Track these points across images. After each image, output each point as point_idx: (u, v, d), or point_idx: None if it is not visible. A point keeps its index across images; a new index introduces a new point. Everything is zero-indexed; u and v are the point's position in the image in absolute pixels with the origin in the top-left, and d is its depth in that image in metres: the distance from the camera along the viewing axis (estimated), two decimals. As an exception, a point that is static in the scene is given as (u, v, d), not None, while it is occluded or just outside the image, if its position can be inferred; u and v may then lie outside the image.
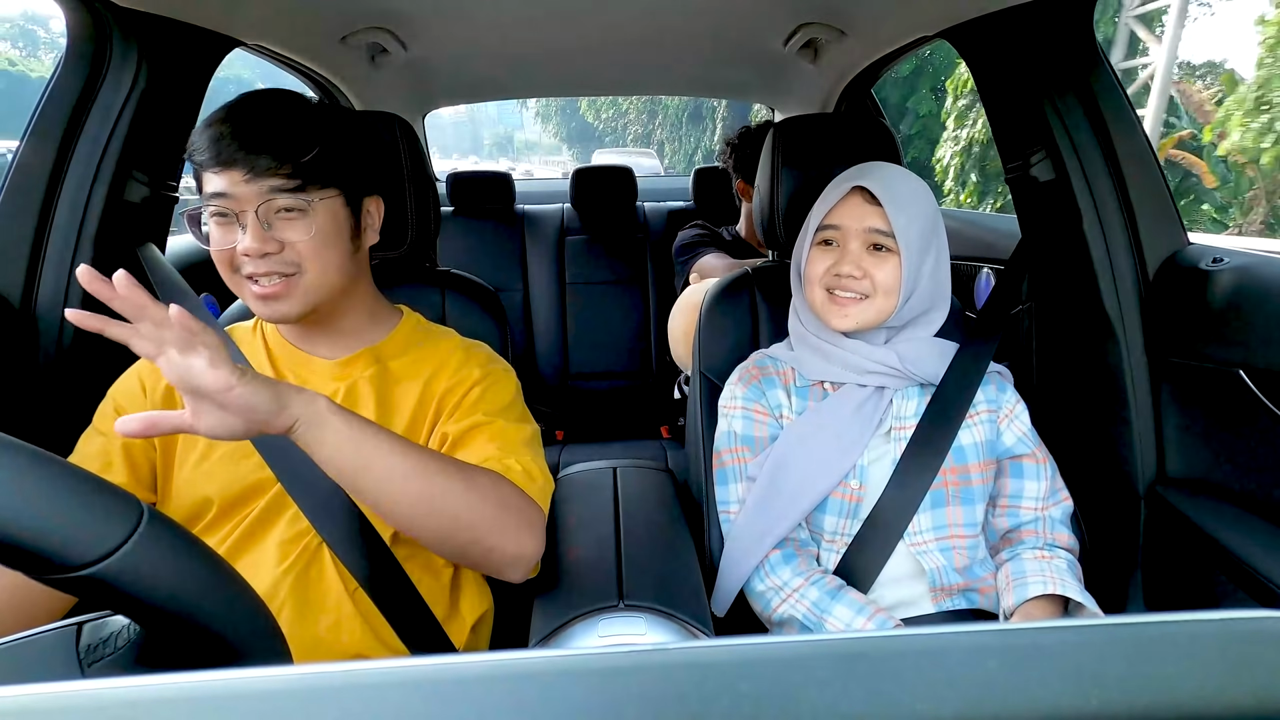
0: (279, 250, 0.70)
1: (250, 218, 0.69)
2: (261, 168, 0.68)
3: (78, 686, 0.23)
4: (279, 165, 0.68)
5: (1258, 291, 0.88)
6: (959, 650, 0.24)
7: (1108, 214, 1.03)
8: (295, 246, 0.71)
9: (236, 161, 0.68)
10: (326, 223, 0.72)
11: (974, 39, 1.16)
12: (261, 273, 0.71)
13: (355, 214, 0.77)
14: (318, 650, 0.72)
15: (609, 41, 1.57)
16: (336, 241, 0.74)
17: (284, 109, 0.72)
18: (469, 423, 0.77)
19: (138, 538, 0.36)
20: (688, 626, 0.72)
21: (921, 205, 0.87)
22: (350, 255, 0.77)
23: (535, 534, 0.70)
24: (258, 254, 0.69)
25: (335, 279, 0.75)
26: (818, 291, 0.89)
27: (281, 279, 0.71)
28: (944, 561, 0.87)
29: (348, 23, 1.31)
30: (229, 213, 0.69)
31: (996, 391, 0.93)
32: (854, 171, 0.90)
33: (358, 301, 0.82)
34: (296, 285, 0.72)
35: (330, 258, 0.74)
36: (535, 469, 0.74)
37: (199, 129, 0.71)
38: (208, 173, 0.70)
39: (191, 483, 0.76)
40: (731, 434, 0.93)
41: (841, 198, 0.87)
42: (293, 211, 0.70)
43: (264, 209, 0.69)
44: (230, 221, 0.70)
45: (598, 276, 2.15)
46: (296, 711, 0.22)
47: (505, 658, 0.24)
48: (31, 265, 0.96)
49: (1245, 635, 0.24)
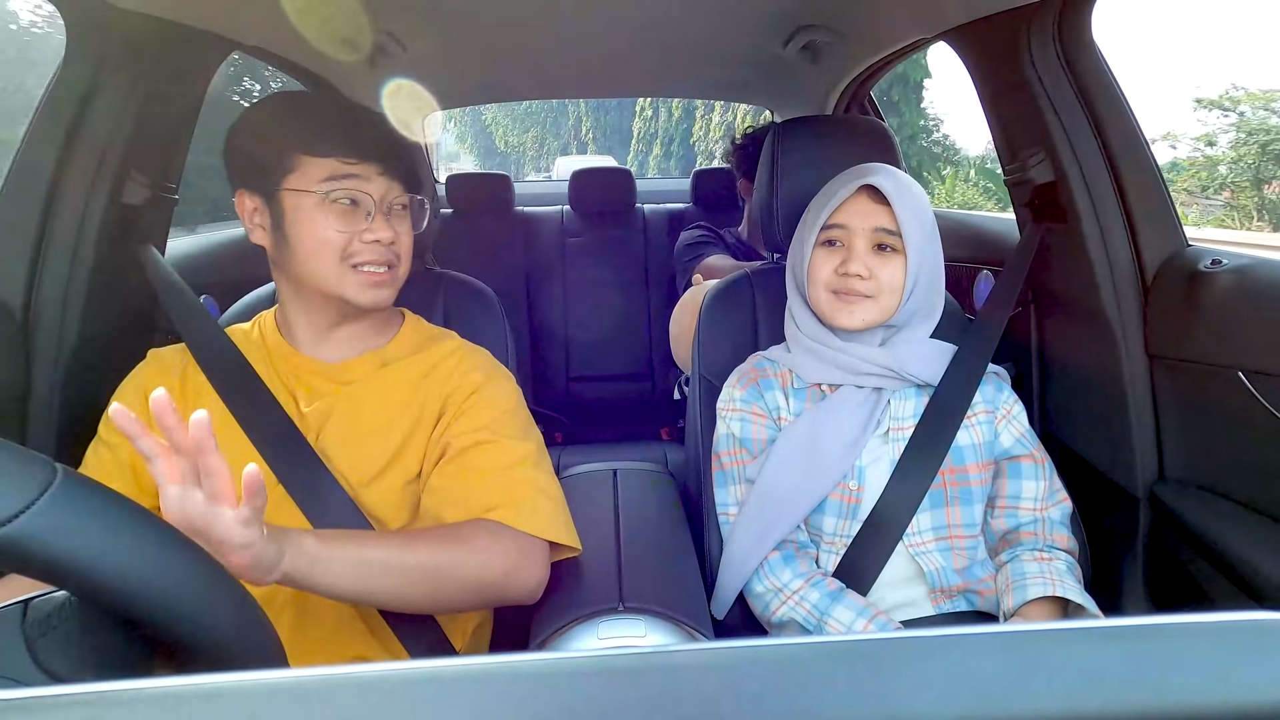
0: (391, 241, 0.76)
1: (379, 208, 0.75)
2: (393, 163, 0.76)
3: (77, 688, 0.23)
4: (402, 162, 0.77)
5: (1256, 293, 0.88)
6: (959, 652, 0.24)
7: (1107, 215, 1.03)
8: (402, 239, 0.78)
9: (374, 155, 0.74)
10: (413, 222, 0.81)
11: (972, 40, 1.16)
12: (380, 260, 0.76)
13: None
14: (318, 653, 0.72)
15: (608, 44, 1.57)
16: (413, 239, 0.82)
17: (373, 112, 0.81)
18: (473, 439, 0.77)
19: (48, 499, 0.35)
20: (688, 628, 0.72)
21: (923, 204, 0.88)
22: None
23: (541, 567, 0.74)
24: (388, 242, 0.76)
25: (407, 274, 0.81)
26: (823, 293, 0.89)
27: (388, 269, 0.77)
28: (943, 563, 0.87)
29: (347, 25, 1.31)
30: (360, 201, 0.74)
31: (994, 392, 0.93)
32: (856, 172, 0.90)
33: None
34: (395, 275, 0.78)
35: (412, 253, 0.81)
36: (541, 497, 0.75)
37: (304, 116, 0.76)
38: (330, 160, 0.73)
39: None
40: (730, 436, 0.93)
41: (848, 197, 0.87)
42: (402, 209, 0.79)
43: (387, 201, 0.76)
44: (354, 209, 0.74)
45: (597, 278, 2.15)
46: (297, 713, 0.22)
47: (505, 660, 0.24)
48: (32, 267, 0.96)
49: (1245, 635, 0.24)
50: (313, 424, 0.77)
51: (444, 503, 0.74)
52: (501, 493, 0.74)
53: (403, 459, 0.77)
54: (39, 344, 0.96)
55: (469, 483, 0.74)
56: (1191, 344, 0.96)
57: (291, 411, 0.78)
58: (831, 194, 0.89)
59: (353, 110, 0.80)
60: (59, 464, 0.37)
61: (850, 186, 0.87)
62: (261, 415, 0.77)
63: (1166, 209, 1.03)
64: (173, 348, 0.85)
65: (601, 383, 2.13)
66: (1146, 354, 1.02)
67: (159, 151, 1.07)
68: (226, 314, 1.00)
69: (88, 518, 0.36)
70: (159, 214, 1.10)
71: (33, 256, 0.96)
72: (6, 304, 0.94)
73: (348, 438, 0.77)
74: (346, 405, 0.78)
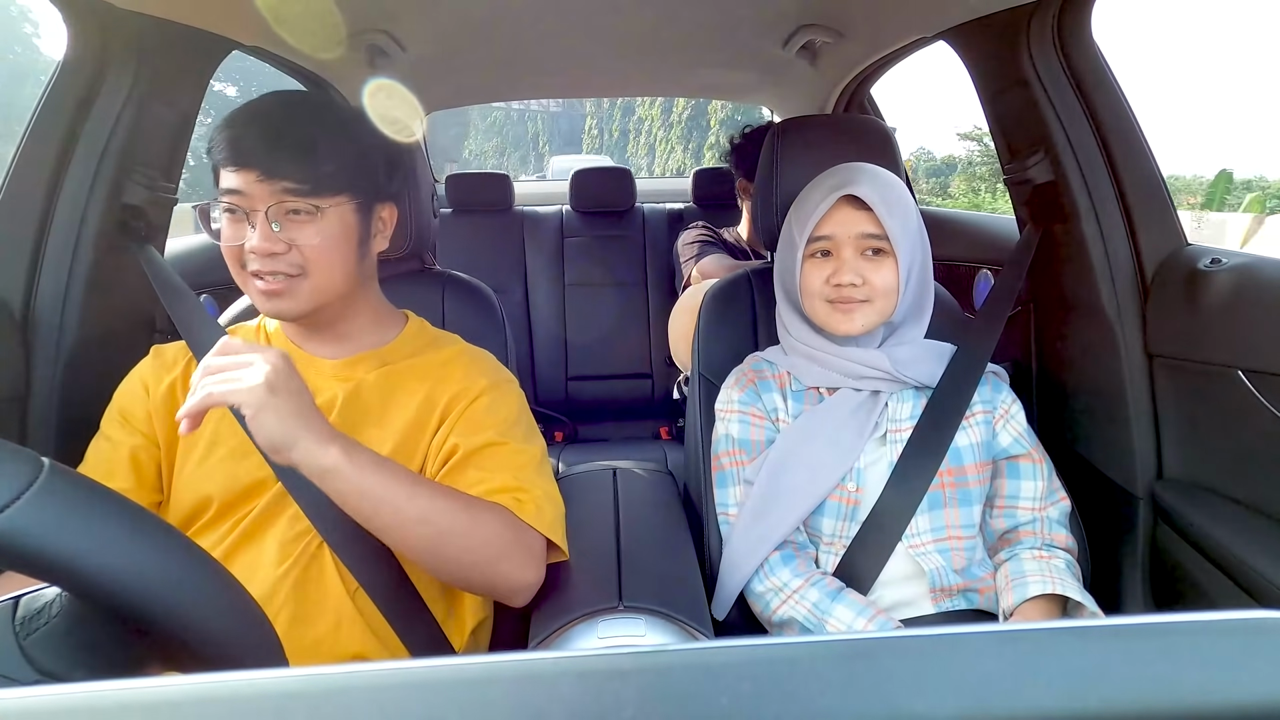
0: (286, 250, 0.71)
1: (260, 217, 0.70)
2: (277, 170, 0.69)
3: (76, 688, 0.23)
4: (294, 169, 0.69)
5: (1256, 292, 0.88)
6: (959, 651, 0.24)
7: (1106, 214, 1.03)
8: (302, 249, 0.72)
9: (253, 161, 0.69)
10: (335, 228, 0.73)
11: (972, 40, 1.16)
12: (267, 270, 0.71)
13: (366, 221, 0.77)
14: (317, 651, 0.72)
15: (608, 44, 1.57)
16: (344, 247, 0.74)
17: (304, 113, 0.73)
18: (482, 440, 0.77)
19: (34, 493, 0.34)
20: (687, 628, 0.72)
21: (906, 203, 0.87)
22: (357, 261, 0.77)
23: (537, 565, 0.72)
24: (265, 253, 0.70)
25: (340, 284, 0.76)
26: (817, 303, 0.89)
27: (285, 278, 0.72)
28: (942, 562, 0.87)
29: (346, 25, 1.31)
30: (239, 210, 0.71)
31: (992, 392, 0.93)
32: (833, 179, 0.89)
33: (363, 306, 0.82)
34: (300, 286, 0.73)
35: (336, 262, 0.74)
36: (546, 499, 0.75)
37: (219, 127, 0.72)
38: (224, 170, 0.71)
39: (192, 481, 0.76)
40: (728, 438, 0.93)
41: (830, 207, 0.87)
42: (302, 214, 0.71)
43: (274, 209, 0.70)
44: (240, 218, 0.71)
45: (597, 278, 2.15)
46: (296, 713, 0.22)
47: (505, 659, 0.24)
48: (32, 268, 0.96)
49: (1245, 635, 0.24)
50: None
51: None
52: (513, 486, 0.74)
53: (402, 459, 0.77)
54: (39, 344, 0.96)
55: (478, 476, 0.75)
56: (1191, 343, 0.96)
57: None
58: (813, 205, 0.88)
59: (255, 115, 0.71)
60: (46, 459, 0.36)
61: (830, 199, 0.86)
62: None
63: (1166, 208, 1.03)
64: (175, 344, 0.85)
65: (601, 382, 2.13)
66: (1146, 353, 1.02)
67: (159, 151, 1.07)
68: (228, 313, 1.00)
69: (75, 512, 0.36)
70: (159, 214, 1.10)
71: (33, 256, 0.96)
72: (6, 304, 0.94)
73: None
74: (345, 403, 0.78)
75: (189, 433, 0.60)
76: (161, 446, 0.78)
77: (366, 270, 0.81)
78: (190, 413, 0.59)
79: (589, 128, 28.91)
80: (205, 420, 0.78)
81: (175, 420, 0.78)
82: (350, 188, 0.73)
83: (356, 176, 0.74)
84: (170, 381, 0.79)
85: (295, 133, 0.71)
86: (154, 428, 0.78)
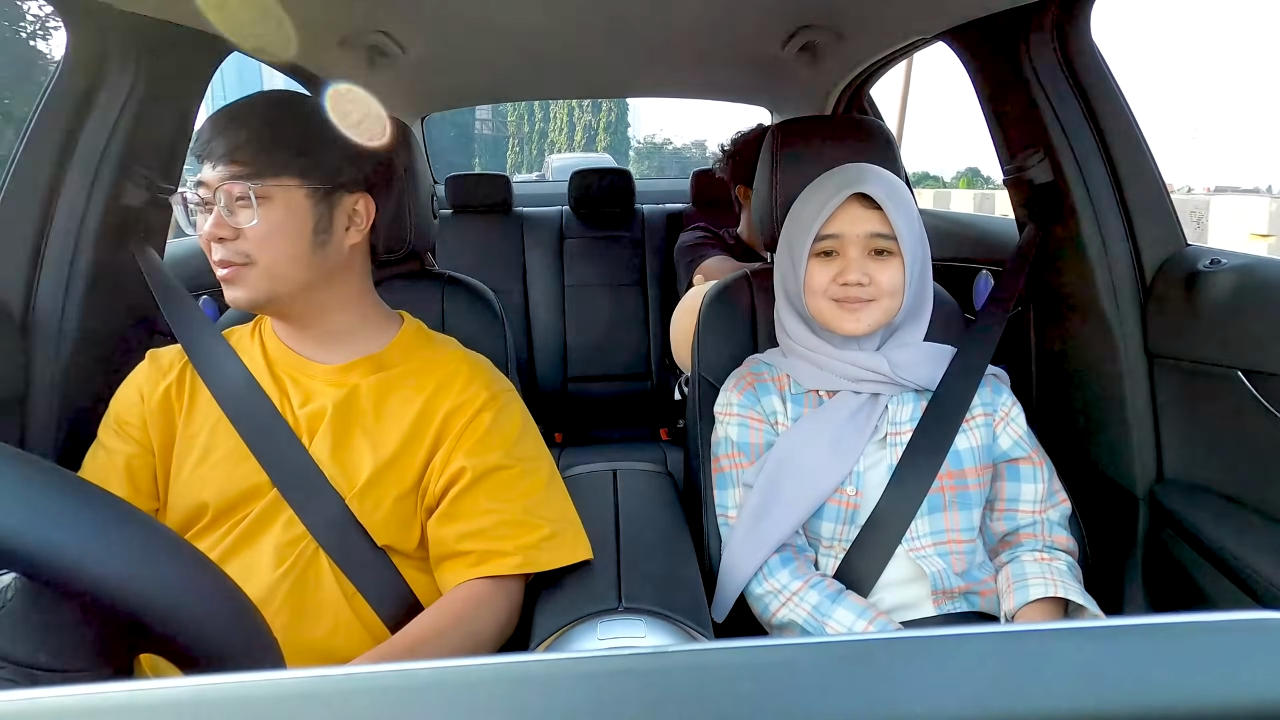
0: (234, 237, 0.72)
1: (216, 205, 0.71)
2: (227, 157, 0.71)
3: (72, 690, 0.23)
4: (242, 154, 0.71)
5: (1256, 292, 0.88)
6: (960, 652, 0.24)
7: (1105, 215, 1.03)
8: (246, 234, 0.72)
9: (209, 152, 0.72)
10: (279, 214, 0.72)
11: (971, 40, 1.16)
12: (219, 259, 0.73)
13: (324, 209, 0.75)
14: (315, 655, 0.72)
15: (607, 45, 1.57)
16: (289, 233, 0.73)
17: (263, 107, 0.75)
18: (490, 463, 0.77)
19: None
20: (687, 629, 0.72)
21: (910, 203, 0.87)
22: (311, 250, 0.75)
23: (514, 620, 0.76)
24: (212, 238, 0.72)
25: (288, 271, 0.74)
26: (822, 302, 0.88)
27: (236, 266, 0.73)
28: (943, 565, 0.87)
29: (345, 26, 1.31)
30: (202, 201, 0.73)
31: (992, 394, 0.93)
32: (839, 178, 0.88)
33: (345, 303, 0.81)
34: (248, 273, 0.73)
35: (281, 248, 0.73)
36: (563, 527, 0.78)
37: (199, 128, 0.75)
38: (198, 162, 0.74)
39: (188, 486, 0.76)
40: (728, 440, 0.93)
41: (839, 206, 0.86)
42: (243, 199, 0.71)
43: (223, 194, 0.71)
44: (204, 209, 0.73)
45: (597, 279, 2.15)
46: (296, 713, 0.22)
47: (504, 661, 0.24)
48: (32, 268, 0.96)
49: (1245, 635, 0.24)
50: (306, 427, 0.77)
51: (462, 535, 0.75)
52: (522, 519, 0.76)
53: (396, 469, 0.76)
54: (38, 344, 0.96)
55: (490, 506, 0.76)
56: (1191, 344, 0.96)
57: (287, 414, 0.77)
58: (820, 204, 0.87)
59: (223, 111, 0.74)
60: None
61: (840, 196, 0.85)
62: (256, 418, 0.76)
63: (1165, 208, 1.03)
64: (171, 348, 0.85)
65: (601, 383, 2.13)
66: (1146, 354, 1.02)
67: (158, 152, 1.07)
68: (225, 315, 1.00)
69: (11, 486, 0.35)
70: (158, 215, 1.10)
71: (32, 257, 0.96)
72: (6, 304, 0.94)
73: (340, 443, 0.76)
74: (338, 410, 0.77)
75: None
76: (157, 453, 0.78)
77: (334, 263, 0.78)
78: None
79: (512, 145, 34.48)
80: (200, 426, 0.78)
81: (171, 426, 0.78)
82: (301, 173, 0.73)
83: (309, 164, 0.73)
84: (166, 386, 0.79)
85: (250, 123, 0.72)
86: (149, 435, 0.78)
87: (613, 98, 2.74)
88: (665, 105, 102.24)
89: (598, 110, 39.74)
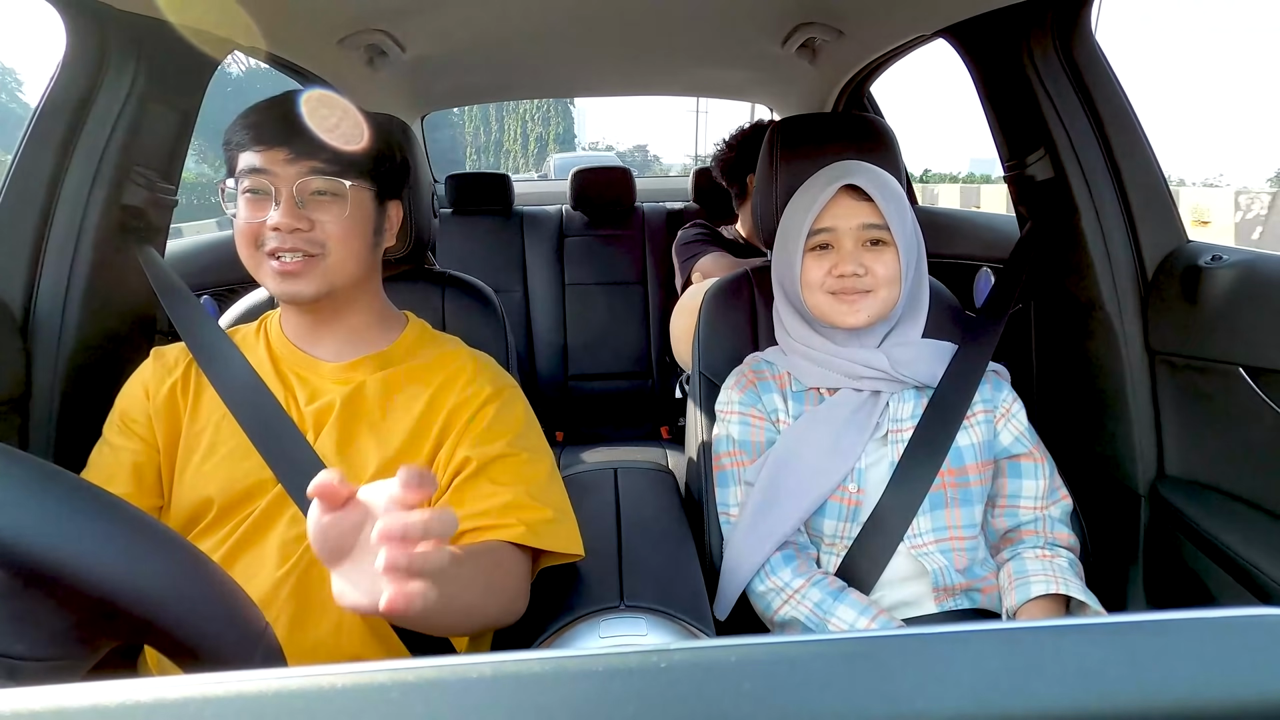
0: (309, 228, 0.73)
1: (286, 194, 0.71)
2: (305, 150, 0.72)
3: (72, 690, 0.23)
4: (323, 150, 0.72)
5: (1257, 288, 0.88)
6: (962, 649, 0.24)
7: (1106, 212, 1.03)
8: (325, 226, 0.73)
9: (280, 141, 0.71)
10: (357, 210, 0.75)
11: (972, 38, 1.16)
12: (286, 248, 0.73)
13: (380, 213, 0.80)
14: (318, 653, 0.72)
15: (607, 43, 1.57)
16: (363, 231, 0.77)
17: (329, 102, 0.76)
18: (495, 452, 0.77)
19: None
20: (689, 627, 0.72)
21: (902, 196, 0.88)
22: (371, 250, 0.79)
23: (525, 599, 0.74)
24: (288, 229, 0.72)
25: (354, 267, 0.77)
26: (820, 296, 0.88)
27: (304, 257, 0.73)
28: (945, 562, 0.87)
29: (345, 25, 1.31)
30: (262, 189, 0.72)
31: (993, 391, 0.93)
32: (829, 174, 0.89)
33: (367, 302, 0.83)
34: (317, 266, 0.74)
35: (354, 245, 0.76)
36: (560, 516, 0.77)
37: (241, 116, 0.74)
38: (246, 152, 0.73)
39: (193, 484, 0.76)
40: (729, 438, 0.93)
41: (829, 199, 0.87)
42: (326, 194, 0.73)
43: (300, 187, 0.72)
44: (262, 198, 0.73)
45: (597, 277, 2.15)
46: (297, 713, 0.22)
47: (507, 659, 0.24)
48: (32, 268, 0.96)
49: (1245, 633, 0.24)
50: (312, 424, 0.77)
51: (466, 516, 0.74)
52: (525, 503, 0.75)
53: (401, 465, 0.77)
54: (39, 345, 0.96)
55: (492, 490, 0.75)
56: (1192, 340, 0.96)
57: (292, 411, 0.78)
58: (811, 199, 0.88)
59: (279, 103, 0.74)
60: None
61: (830, 189, 0.87)
62: (260, 414, 0.77)
63: (1166, 205, 1.03)
64: (175, 346, 0.85)
65: (601, 381, 2.13)
66: (1147, 350, 1.02)
67: (159, 152, 1.07)
68: (228, 314, 1.00)
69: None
70: (159, 215, 1.10)
71: (33, 257, 0.96)
72: (6, 304, 0.94)
73: (346, 439, 0.77)
74: (344, 407, 0.78)
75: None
76: (162, 450, 0.78)
77: (375, 263, 0.83)
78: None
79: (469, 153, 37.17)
80: (205, 422, 0.78)
81: (177, 423, 0.78)
82: (372, 177, 0.77)
83: (376, 169, 0.77)
84: (171, 384, 0.79)
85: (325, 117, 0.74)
86: (154, 432, 0.78)
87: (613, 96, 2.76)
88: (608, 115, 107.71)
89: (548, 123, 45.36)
